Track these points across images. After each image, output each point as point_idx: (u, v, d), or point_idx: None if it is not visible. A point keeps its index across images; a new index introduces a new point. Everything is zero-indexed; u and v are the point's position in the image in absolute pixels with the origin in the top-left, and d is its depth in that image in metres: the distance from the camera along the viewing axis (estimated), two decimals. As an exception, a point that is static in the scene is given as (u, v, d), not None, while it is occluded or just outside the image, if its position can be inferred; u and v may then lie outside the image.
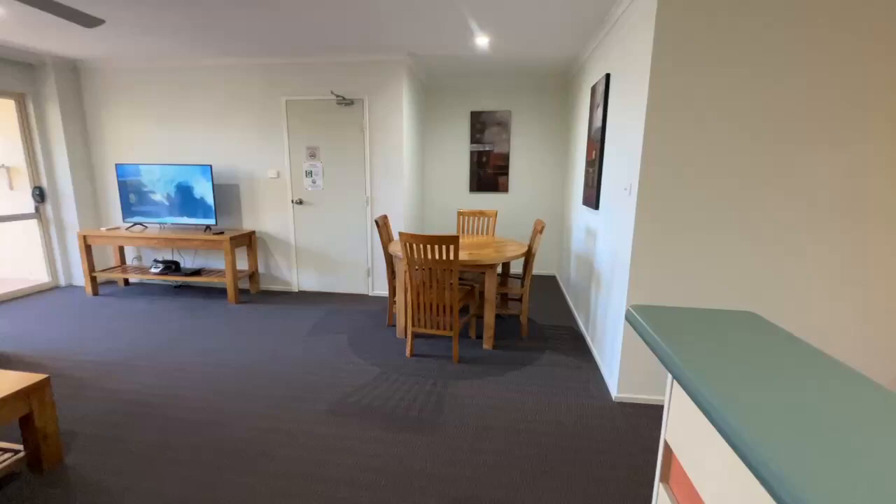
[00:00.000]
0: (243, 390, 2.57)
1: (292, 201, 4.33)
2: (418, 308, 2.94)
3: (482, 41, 3.48)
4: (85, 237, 4.21)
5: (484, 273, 3.47)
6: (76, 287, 4.59)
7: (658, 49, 2.06)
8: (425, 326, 2.97)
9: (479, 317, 3.60)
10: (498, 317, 3.79)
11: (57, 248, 4.59)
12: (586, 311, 3.40)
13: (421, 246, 2.74)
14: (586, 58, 3.76)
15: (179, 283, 4.73)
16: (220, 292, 4.45)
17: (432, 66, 4.32)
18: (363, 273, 4.40)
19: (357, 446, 2.07)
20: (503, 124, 4.92)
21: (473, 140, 5.00)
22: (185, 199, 4.20)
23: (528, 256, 3.30)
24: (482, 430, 2.21)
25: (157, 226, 4.42)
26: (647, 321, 0.82)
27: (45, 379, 1.84)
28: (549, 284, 4.90)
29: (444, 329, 2.94)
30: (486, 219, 4.14)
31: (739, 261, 2.23)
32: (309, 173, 4.25)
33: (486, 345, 3.17)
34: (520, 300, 3.48)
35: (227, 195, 4.45)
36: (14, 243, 4.62)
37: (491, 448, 2.07)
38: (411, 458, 2.00)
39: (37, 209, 4.46)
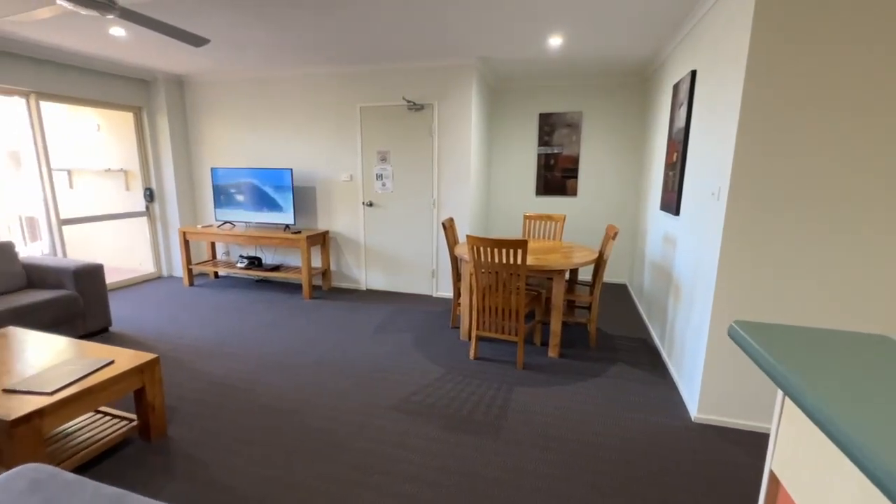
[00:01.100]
0: (317, 381, 2.72)
1: (363, 203, 4.53)
2: (483, 311, 2.94)
3: (555, 42, 3.41)
4: (184, 233, 4.70)
5: (551, 279, 3.39)
6: (176, 278, 5.14)
7: (756, 41, 1.89)
8: (490, 330, 2.96)
9: (545, 323, 3.52)
10: (564, 324, 3.67)
11: (161, 242, 5.17)
12: (661, 323, 3.19)
13: (488, 249, 2.74)
14: (668, 54, 3.54)
15: (261, 278, 5.13)
16: (296, 287, 4.76)
17: (501, 69, 4.31)
18: (428, 274, 4.49)
19: (423, 444, 2.11)
20: (573, 126, 4.78)
21: (541, 142, 4.90)
22: (268, 200, 4.55)
23: (599, 263, 3.17)
24: (548, 439, 2.15)
25: (244, 224, 4.83)
26: (756, 339, 0.75)
27: (156, 358, 2.08)
28: (619, 293, 4.67)
29: (509, 334, 2.91)
30: (553, 223, 4.03)
31: (846, 275, 1.97)
32: (379, 176, 4.42)
33: (552, 352, 3.09)
34: (588, 308, 3.36)
35: (304, 197, 4.75)
36: (128, 237, 5.28)
37: (558, 460, 2.01)
38: (476, 461, 1.99)
39: (147, 208, 5.07)
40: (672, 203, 3.00)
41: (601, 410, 2.42)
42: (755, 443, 2.15)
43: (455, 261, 3.49)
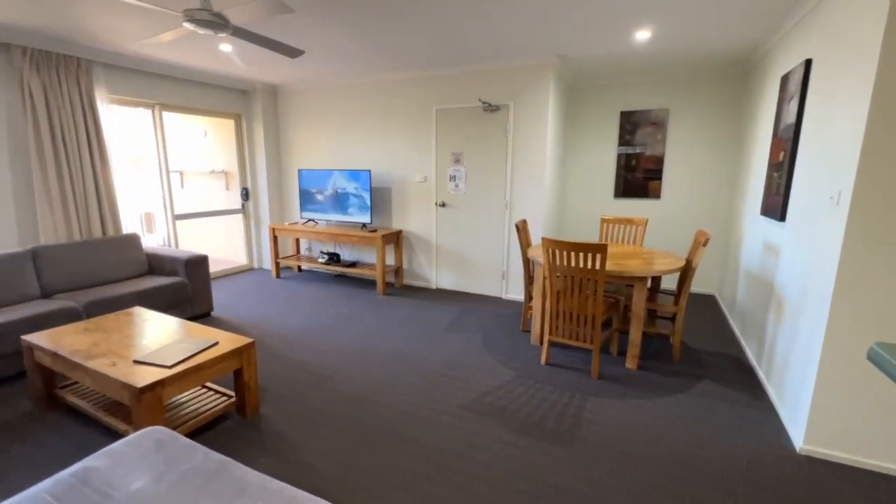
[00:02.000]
0: (390, 374, 2.82)
1: (436, 204, 4.62)
2: (557, 316, 2.86)
3: (643, 36, 3.22)
4: (274, 230, 5.12)
5: (631, 286, 3.21)
6: (265, 270, 5.61)
7: (892, 27, 1.64)
8: (563, 336, 2.87)
9: (623, 332, 3.35)
10: (645, 335, 3.46)
11: (254, 237, 5.68)
12: (758, 339, 2.89)
13: (564, 252, 2.66)
14: (774, 43, 3.19)
15: (338, 273, 5.43)
16: (370, 284, 4.97)
17: (581, 67, 4.16)
18: (498, 275, 4.46)
19: (493, 446, 2.10)
20: (658, 124, 4.48)
21: (622, 142, 4.66)
22: (347, 200, 4.81)
23: (686, 271, 2.94)
24: (626, 455, 2.04)
25: (325, 222, 5.14)
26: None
27: (252, 342, 2.28)
28: (706, 305, 4.31)
29: (584, 341, 2.80)
30: (633, 227, 3.81)
31: None
32: (452, 177, 4.48)
33: (630, 364, 2.92)
34: (672, 319, 3.13)
35: (381, 197, 4.95)
36: (226, 232, 5.86)
37: (637, 477, 1.90)
38: (549, 469, 1.95)
39: (243, 206, 5.59)
40: (776, 207, 2.70)
41: (686, 430, 2.24)
42: (883, 487, 1.86)
43: (527, 263, 3.43)
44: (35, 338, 2.27)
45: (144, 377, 1.88)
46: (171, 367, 1.98)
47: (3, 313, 2.71)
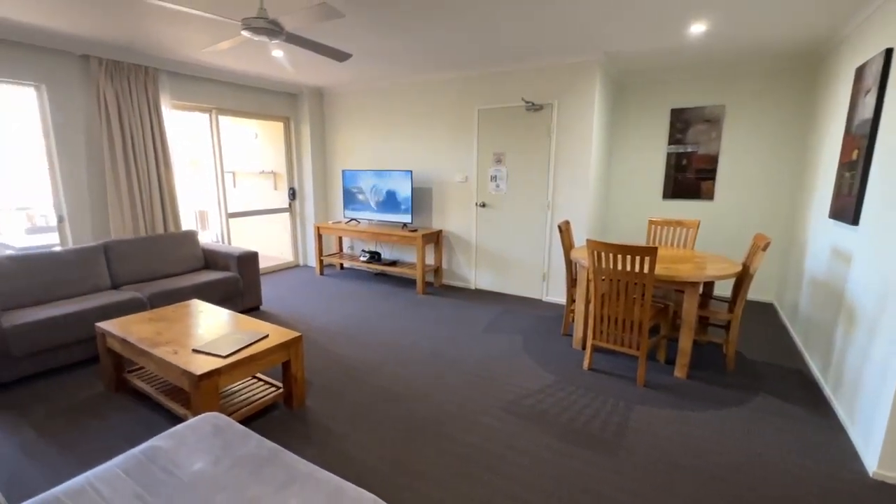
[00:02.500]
0: (429, 372, 2.84)
1: (476, 204, 4.61)
2: (601, 321, 2.78)
3: (698, 29, 3.07)
4: (318, 228, 5.29)
5: (681, 291, 3.07)
6: (309, 267, 5.81)
7: None
8: (607, 341, 2.78)
9: (672, 340, 3.20)
10: (695, 343, 3.29)
11: (300, 235, 5.90)
12: (825, 353, 2.68)
13: (610, 255, 2.58)
14: (849, 32, 2.95)
15: (379, 271, 5.54)
16: (410, 282, 5.04)
17: (628, 63, 4.02)
18: (538, 277, 4.39)
19: (534, 449, 2.07)
20: (713, 121, 4.25)
21: (672, 140, 4.46)
22: (388, 200, 4.89)
23: (743, 277, 2.78)
24: (675, 468, 1.95)
25: (367, 221, 5.26)
26: None
27: (299, 336, 2.37)
28: (764, 313, 4.04)
29: (629, 347, 2.70)
30: (683, 229, 3.64)
31: None
32: (493, 178, 4.45)
33: (679, 372, 2.79)
34: (725, 327, 2.96)
35: (421, 197, 5.00)
36: (273, 230, 6.12)
37: (687, 493, 1.81)
38: (592, 477, 1.89)
39: (290, 205, 5.82)
40: (848, 210, 2.49)
41: (743, 446, 2.11)
42: (968, 519, 1.68)
43: (570, 265, 3.36)
44: (107, 325, 2.47)
45: (202, 365, 2.00)
46: (226, 357, 2.09)
47: (80, 302, 2.96)
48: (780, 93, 3.99)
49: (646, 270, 2.50)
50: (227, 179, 6.24)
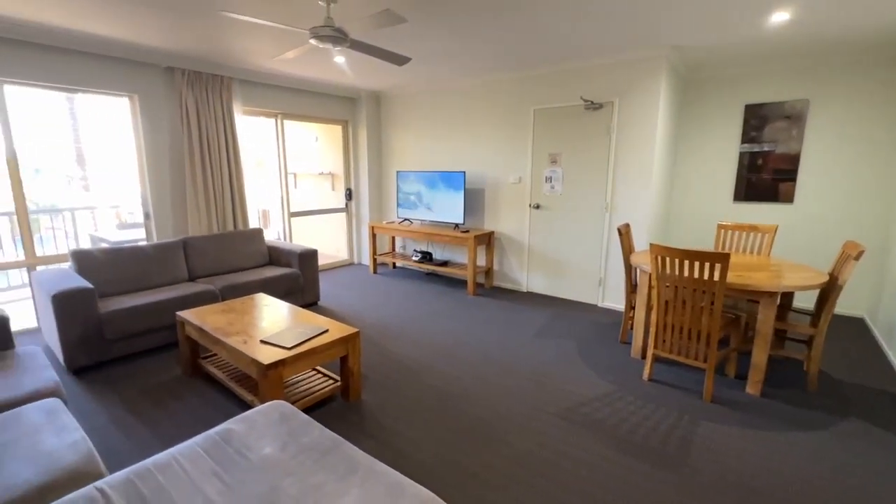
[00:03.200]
0: (481, 373, 2.83)
1: (530, 205, 4.54)
2: (664, 329, 2.63)
3: (780, 18, 2.83)
4: (373, 228, 5.45)
5: (755, 301, 2.85)
6: (363, 265, 6.00)
7: None
8: (670, 351, 2.63)
9: (743, 353, 2.98)
10: (771, 358, 3.03)
11: (355, 234, 6.10)
12: (930, 376, 2.37)
13: (676, 261, 2.44)
14: (965, 12, 2.59)
15: (430, 271, 5.60)
16: (460, 283, 5.05)
17: (698, 57, 3.78)
18: (594, 282, 4.25)
19: (589, 459, 2.00)
20: (794, 118, 3.90)
21: (746, 139, 4.14)
22: (441, 201, 4.94)
23: (830, 288, 2.52)
24: (747, 492, 1.81)
25: (419, 222, 5.34)
26: None
27: (357, 332, 2.45)
28: (853, 329, 3.65)
29: (695, 359, 2.54)
30: (758, 235, 3.36)
31: None
32: (548, 179, 4.36)
33: (751, 389, 2.58)
34: (807, 343, 2.70)
35: (474, 198, 5.00)
36: (330, 229, 6.38)
37: (763, 519, 1.67)
38: (653, 492, 1.80)
39: (346, 205, 6.03)
40: (963, 215, 2.19)
41: (830, 475, 1.92)
42: None
43: (630, 270, 3.22)
44: (186, 314, 2.69)
45: (269, 356, 2.12)
46: (290, 348, 2.20)
47: (162, 292, 3.24)
48: (873, 87, 3.58)
49: (716, 278, 2.34)
50: (289, 180, 6.61)
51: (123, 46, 3.57)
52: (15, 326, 3.41)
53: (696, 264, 2.37)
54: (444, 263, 5.07)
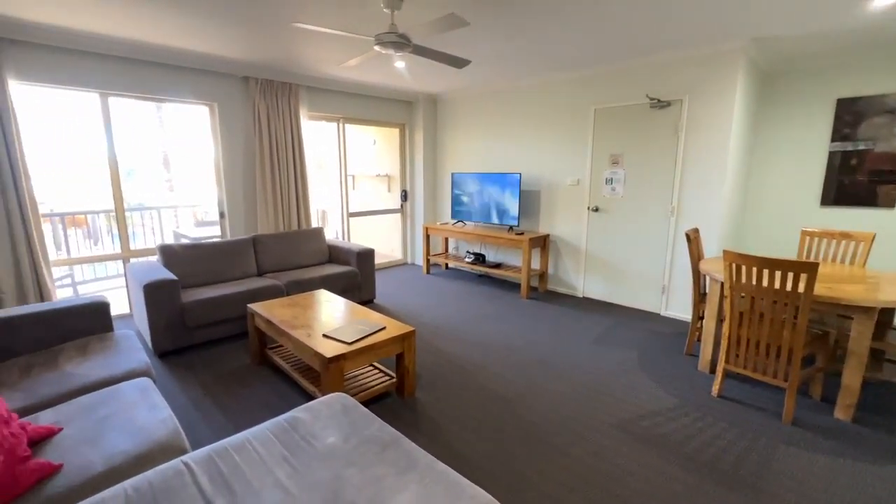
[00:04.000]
0: (535, 378, 2.78)
1: (588, 208, 4.39)
2: (737, 343, 2.44)
3: (882, 2, 2.54)
4: (427, 229, 5.53)
5: (848, 317, 2.57)
6: (416, 266, 6.10)
7: None
8: (744, 367, 2.44)
9: (832, 374, 2.69)
10: (865, 381, 2.71)
11: (409, 235, 6.23)
12: None
13: (754, 269, 2.26)
14: None
15: (483, 273, 5.59)
16: (513, 286, 4.99)
17: (781, 49, 3.48)
18: (657, 289, 4.03)
19: (652, 476, 1.90)
20: (896, 112, 3.48)
21: (837, 136, 3.75)
22: (496, 203, 4.91)
23: (942, 305, 2.22)
24: (838, 527, 1.63)
25: (473, 223, 5.34)
26: None
27: (413, 331, 2.50)
28: (964, 352, 3.19)
29: (773, 376, 2.33)
30: (851, 243, 3.03)
31: None
32: (609, 181, 4.20)
33: (841, 414, 2.33)
34: (910, 365, 2.39)
35: (529, 200, 4.93)
36: (385, 229, 6.55)
37: (856, 559, 1.50)
38: (725, 519, 1.67)
39: (401, 206, 6.17)
40: None
41: (937, 516, 1.69)
42: None
43: (698, 278, 3.02)
44: (256, 307, 2.87)
45: (331, 349, 2.21)
46: (350, 343, 2.28)
47: (235, 285, 3.49)
48: None
49: (801, 289, 2.14)
50: (348, 182, 6.87)
51: (207, 59, 3.90)
52: (111, 312, 3.82)
53: (778, 274, 2.19)
54: (497, 266, 5.04)
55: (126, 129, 4.92)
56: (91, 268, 5.20)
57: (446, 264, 5.87)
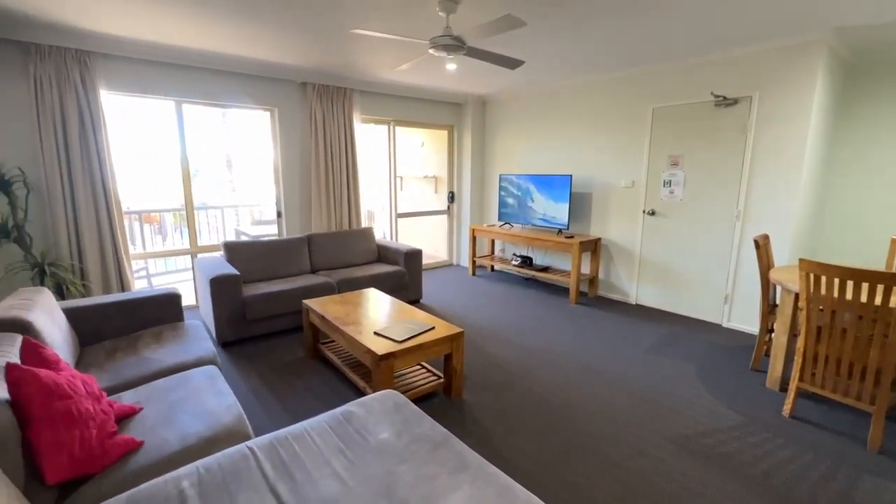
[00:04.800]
0: (585, 386, 2.69)
1: (643, 211, 4.21)
2: (814, 360, 2.24)
3: None
4: (473, 230, 5.52)
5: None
6: (462, 267, 6.11)
7: None
8: (822, 387, 2.24)
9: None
10: (963, 408, 2.42)
11: (455, 236, 6.25)
12: None
13: (835, 280, 2.07)
14: None
15: (529, 276, 5.50)
16: (561, 290, 4.87)
17: (868, 39, 3.16)
18: (718, 298, 3.79)
19: (715, 497, 1.78)
20: None
21: (935, 135, 3.36)
22: (544, 205, 4.82)
23: None
24: (938, 572, 1.45)
25: (520, 225, 5.27)
26: None
27: (462, 332, 2.50)
28: None
29: (857, 399, 2.12)
30: (951, 253, 2.70)
31: None
32: (667, 183, 4.00)
33: (939, 444, 2.08)
34: None
35: (580, 202, 4.80)
36: (431, 230, 6.61)
37: None
38: (800, 551, 1.54)
39: (448, 207, 6.21)
40: None
41: None
42: None
43: (767, 288, 2.81)
44: (311, 303, 2.99)
45: (382, 347, 2.26)
46: (401, 342, 2.32)
47: (290, 282, 3.66)
48: None
49: (892, 304, 1.93)
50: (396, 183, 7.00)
51: (269, 67, 4.11)
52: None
53: (865, 286, 1.99)
54: (545, 269, 4.94)
55: (194, 133, 5.30)
56: (162, 261, 5.64)
57: (492, 266, 5.83)
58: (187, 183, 4.02)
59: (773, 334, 2.80)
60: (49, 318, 1.95)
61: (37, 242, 3.29)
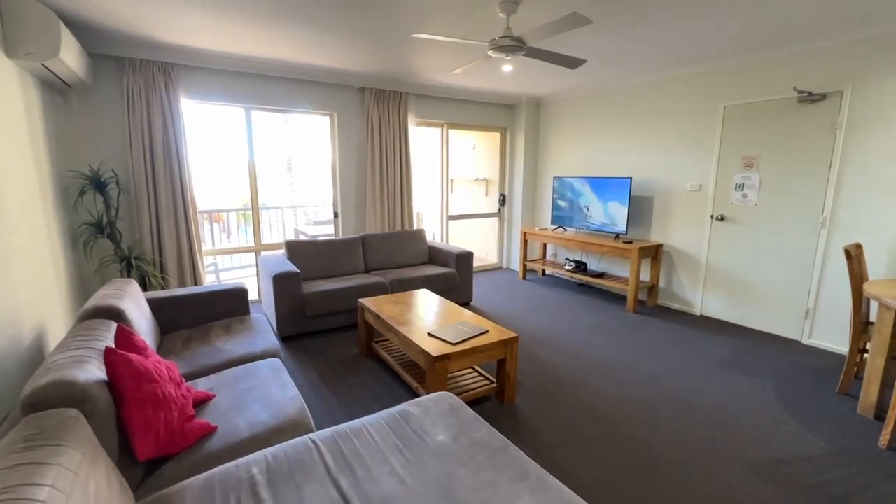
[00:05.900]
0: (646, 399, 2.55)
1: (711, 216, 3.94)
2: (921, 386, 1.98)
3: None
4: (525, 233, 5.43)
5: None
6: (512, 270, 6.03)
7: None
8: (930, 417, 1.97)
9: None
10: None
11: (506, 239, 6.18)
12: None
13: (951, 296, 1.81)
14: None
15: (583, 282, 5.33)
16: (618, 298, 4.67)
17: None
18: (798, 313, 3.46)
19: (801, 534, 1.62)
20: None
21: None
22: (601, 208, 4.64)
23: None
24: None
25: (574, 229, 5.12)
26: None
27: (516, 337, 2.45)
28: None
29: (977, 434, 1.84)
30: None
31: None
32: (739, 186, 3.72)
33: None
34: None
35: (640, 206, 4.58)
36: (482, 232, 6.58)
37: None
38: None
39: (499, 210, 6.15)
40: None
41: None
42: None
43: (860, 303, 2.52)
44: (366, 302, 3.06)
45: (437, 348, 2.26)
46: (455, 344, 2.31)
47: (346, 280, 3.77)
48: None
49: None
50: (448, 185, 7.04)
51: (329, 73, 4.28)
52: (245, 297, 4.36)
53: None
54: (600, 275, 4.75)
55: (259, 136, 5.63)
56: (228, 258, 6.02)
57: (543, 271, 5.71)
58: (254, 184, 4.27)
59: (865, 355, 2.51)
60: (137, 307, 2.13)
61: (125, 238, 3.62)
